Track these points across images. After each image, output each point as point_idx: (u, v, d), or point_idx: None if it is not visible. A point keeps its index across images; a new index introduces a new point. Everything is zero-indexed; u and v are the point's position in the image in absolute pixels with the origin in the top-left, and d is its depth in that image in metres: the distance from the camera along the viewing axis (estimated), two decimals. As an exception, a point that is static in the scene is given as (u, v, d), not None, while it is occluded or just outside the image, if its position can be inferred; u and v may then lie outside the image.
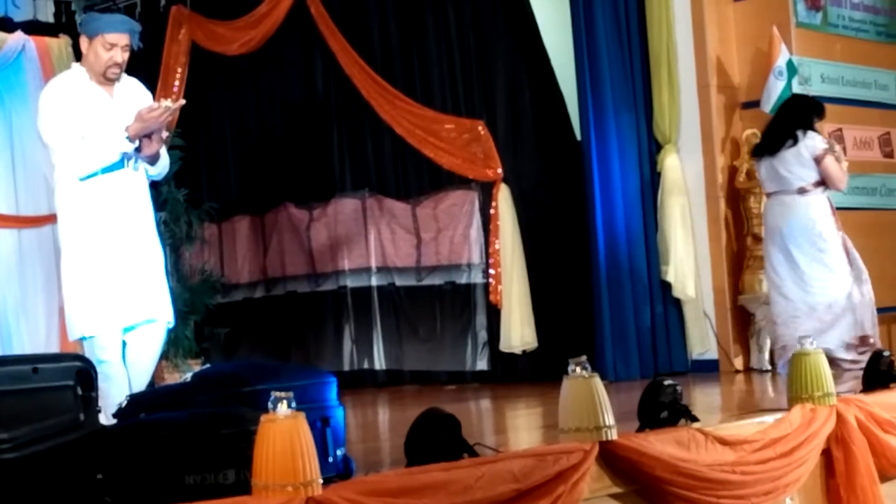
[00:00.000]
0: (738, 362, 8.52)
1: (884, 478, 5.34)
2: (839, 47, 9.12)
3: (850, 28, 9.25)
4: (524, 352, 8.90)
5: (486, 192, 9.12)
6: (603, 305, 8.48)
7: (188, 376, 4.25)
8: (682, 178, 8.67)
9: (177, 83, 10.47)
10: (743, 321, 8.59)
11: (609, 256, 8.52)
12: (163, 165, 6.01)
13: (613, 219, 8.58)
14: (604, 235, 8.55)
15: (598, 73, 8.63)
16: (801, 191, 7.77)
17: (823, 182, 7.77)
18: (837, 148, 7.96)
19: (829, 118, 8.83)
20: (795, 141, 7.75)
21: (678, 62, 8.72)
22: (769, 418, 5.03)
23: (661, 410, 4.62)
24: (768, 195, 7.98)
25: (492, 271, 9.02)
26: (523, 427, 6.37)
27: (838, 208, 8.77)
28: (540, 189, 9.24)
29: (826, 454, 5.12)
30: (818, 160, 7.73)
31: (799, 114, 7.91)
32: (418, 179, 9.65)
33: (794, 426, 4.94)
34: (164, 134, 5.86)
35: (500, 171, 9.01)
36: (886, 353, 6.00)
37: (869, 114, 9.28)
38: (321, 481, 3.45)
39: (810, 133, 7.80)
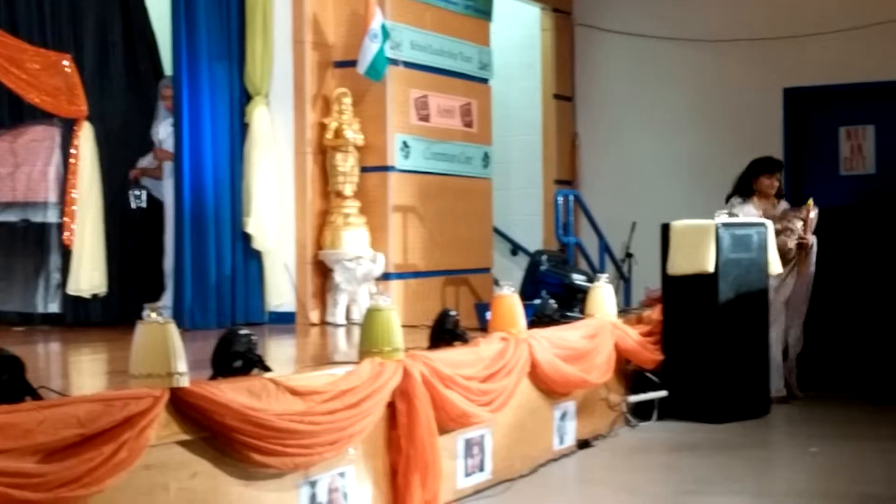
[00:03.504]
0: (315, 316, 8.69)
1: (442, 430, 5.60)
2: (430, 16, 9.43)
3: (440, -1, 9.59)
4: (94, 296, 8.67)
5: (69, 129, 8.76)
6: (185, 253, 8.38)
7: None
8: (270, 131, 8.70)
9: None
10: (322, 276, 8.75)
11: (194, 204, 8.42)
12: None
13: (201, 166, 8.49)
14: (190, 183, 8.43)
15: (194, 18, 8.48)
16: None
17: None
18: (797, 224, 9.02)
19: (417, 85, 9.17)
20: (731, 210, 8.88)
21: (274, 15, 8.74)
22: (340, 371, 5.14)
23: (235, 360, 4.63)
24: None
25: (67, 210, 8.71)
26: (91, 372, 6.20)
27: (417, 172, 9.12)
28: (126, 130, 9.03)
29: (391, 407, 5.30)
30: None
31: (744, 177, 9.20)
32: (-4, 111, 9.14)
33: (362, 379, 5.08)
34: None
35: (84, 108, 8.68)
36: (453, 313, 6.27)
37: (453, 83, 9.67)
38: None
39: (732, 199, 9.08)
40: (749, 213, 8.95)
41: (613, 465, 7.04)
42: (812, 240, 9.03)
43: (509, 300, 6.74)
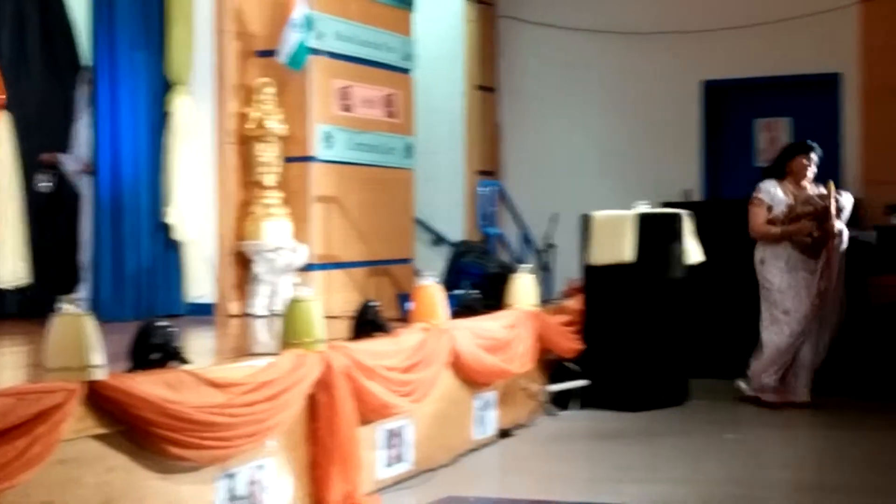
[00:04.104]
0: (235, 307, 8.64)
1: (364, 421, 5.61)
2: (353, 7, 9.41)
3: (364, -11, 9.57)
4: (15, 287, 8.55)
5: (-15, 118, 8.63)
6: (102, 244, 8.29)
7: None
8: (191, 120, 8.64)
9: None
10: (243, 267, 8.71)
11: (113, 194, 8.34)
12: None
13: (120, 156, 8.40)
14: (110, 172, 8.35)
15: (114, 6, 8.39)
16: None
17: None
18: (840, 199, 8.24)
19: (339, 75, 9.15)
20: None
21: (195, 4, 8.67)
22: (261, 362, 5.13)
23: (153, 352, 4.59)
24: None
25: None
26: (7, 366, 6.11)
27: (339, 163, 9.10)
28: (45, 120, 8.90)
29: (312, 398, 5.30)
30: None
31: (777, 161, 8.62)
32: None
33: (283, 370, 5.06)
34: None
35: (2, 97, 8.54)
36: (375, 304, 6.27)
37: (376, 74, 9.66)
38: None
39: (761, 183, 8.48)
40: (778, 195, 8.40)
41: (534, 454, 7.09)
42: (839, 227, 8.20)
43: (431, 290, 6.76)
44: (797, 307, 8.26)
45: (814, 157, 8.43)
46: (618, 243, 8.36)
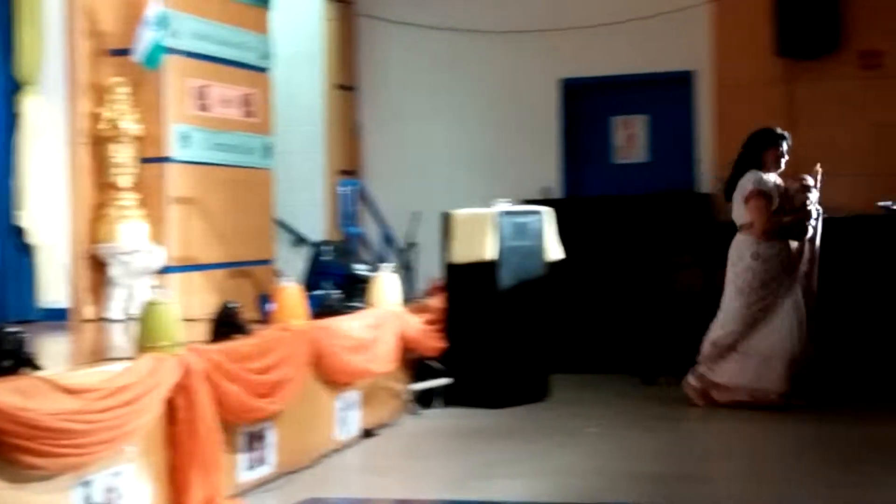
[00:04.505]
0: (91, 311, 8.45)
1: (224, 424, 5.54)
2: (210, 5, 9.29)
3: (221, -12, 9.46)
4: None
5: None
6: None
7: None
8: (43, 121, 8.43)
9: None
10: (98, 270, 8.52)
11: (-40, 198, 8.11)
12: None
13: (-33, 158, 8.17)
14: (-43, 175, 8.12)
15: (-42, 3, 8.16)
16: (741, 228, 8.21)
17: None
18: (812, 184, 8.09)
19: (196, 74, 9.03)
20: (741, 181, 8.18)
21: (44, 1, 8.46)
22: (117, 367, 5.02)
23: (4, 359, 4.47)
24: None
25: None
26: None
27: (196, 163, 8.98)
28: None
29: (170, 402, 5.21)
30: (746, 201, 8.11)
31: (749, 152, 8.24)
32: None
33: (139, 375, 4.97)
34: None
35: None
36: (234, 305, 6.19)
37: (233, 73, 9.55)
38: None
39: (749, 174, 8.13)
40: (774, 187, 8.14)
41: (397, 453, 7.10)
42: (820, 210, 8.24)
43: (291, 291, 6.72)
44: (773, 301, 8.09)
45: (786, 145, 8.30)
46: (478, 241, 8.41)
